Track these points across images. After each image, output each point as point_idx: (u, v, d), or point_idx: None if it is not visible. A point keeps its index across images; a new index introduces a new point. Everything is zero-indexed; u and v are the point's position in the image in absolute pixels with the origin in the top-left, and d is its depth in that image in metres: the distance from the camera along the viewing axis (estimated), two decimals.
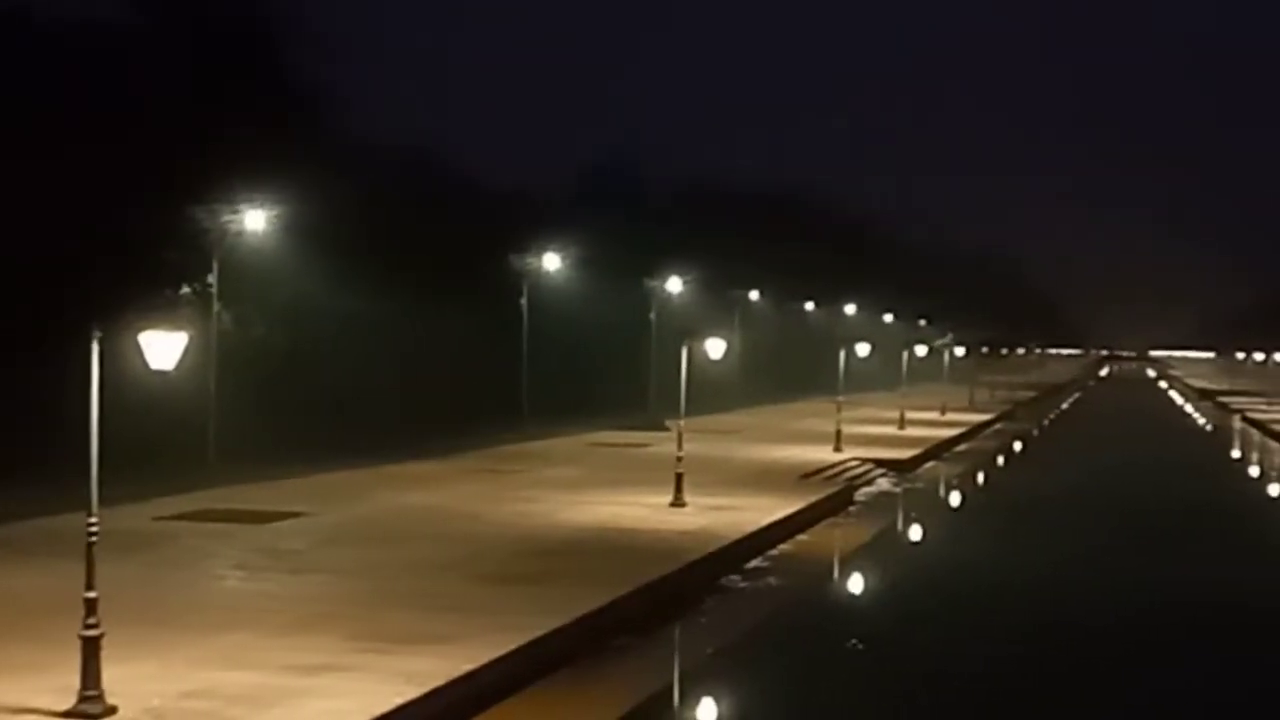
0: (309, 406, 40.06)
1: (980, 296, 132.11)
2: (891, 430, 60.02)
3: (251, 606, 20.08)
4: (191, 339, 15.33)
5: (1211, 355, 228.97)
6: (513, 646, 18.23)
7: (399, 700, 15.42)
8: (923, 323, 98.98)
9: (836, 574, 29.98)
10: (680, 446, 32.88)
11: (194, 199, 34.12)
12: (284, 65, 40.32)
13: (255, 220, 35.15)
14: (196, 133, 34.43)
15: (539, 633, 19.07)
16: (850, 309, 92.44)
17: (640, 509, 31.53)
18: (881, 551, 32.51)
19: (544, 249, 51.73)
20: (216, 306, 35.55)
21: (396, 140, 51.10)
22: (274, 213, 35.15)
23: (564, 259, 52.50)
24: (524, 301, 51.67)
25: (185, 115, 34.76)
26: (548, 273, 52.34)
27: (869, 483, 44.31)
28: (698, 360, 34.89)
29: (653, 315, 56.60)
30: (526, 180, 67.06)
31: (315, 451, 37.40)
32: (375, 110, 58.94)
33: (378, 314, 42.96)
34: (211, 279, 35.35)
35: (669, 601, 23.46)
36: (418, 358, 46.93)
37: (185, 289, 35.31)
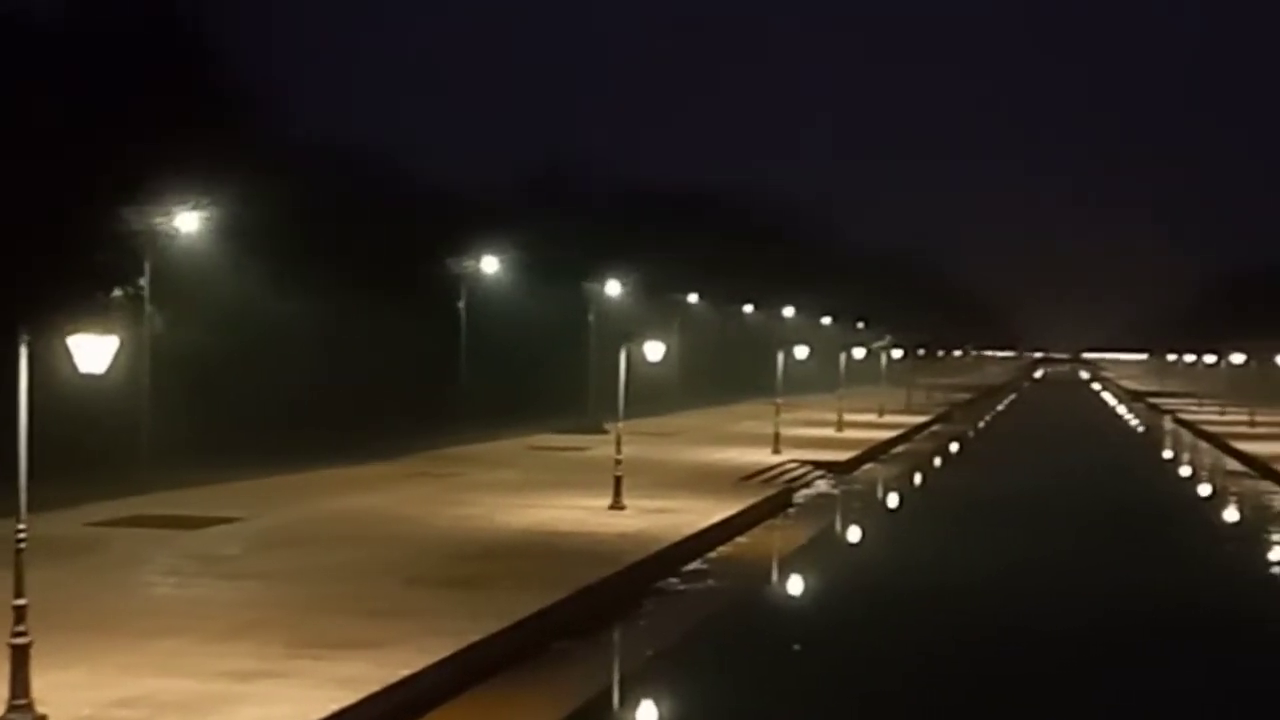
0: (244, 410, 39.63)
1: (917, 299, 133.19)
2: (830, 432, 60.34)
3: (185, 613, 19.82)
4: (123, 342, 15.13)
5: (1144, 357, 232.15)
6: (450, 651, 18.12)
7: (334, 706, 15.28)
8: (860, 325, 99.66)
9: (775, 576, 30.07)
10: (619, 449, 32.86)
11: (125, 200, 33.64)
12: (218, 64, 39.86)
13: (188, 221, 34.72)
14: (127, 133, 33.95)
15: (476, 637, 18.97)
16: (789, 312, 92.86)
17: (579, 512, 31.48)
18: (819, 554, 32.66)
19: (483, 251, 51.52)
20: (149, 309, 35.07)
21: (334, 140, 50.71)
22: (207, 214, 34.73)
23: (503, 261, 52.33)
24: (462, 304, 51.43)
25: (115, 115, 34.27)
26: (486, 275, 52.15)
27: (807, 485, 44.51)
28: (637, 363, 34.89)
29: (591, 318, 56.57)
30: (465, 182, 66.70)
31: (250, 455, 37.02)
32: (313, 110, 58.39)
33: (314, 316, 42.61)
34: (144, 281, 34.86)
35: (608, 605, 23.43)
36: (355, 360, 46.58)
37: (117, 291, 34.79)
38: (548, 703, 18.76)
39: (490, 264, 51.81)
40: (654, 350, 34.19)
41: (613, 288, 58.14)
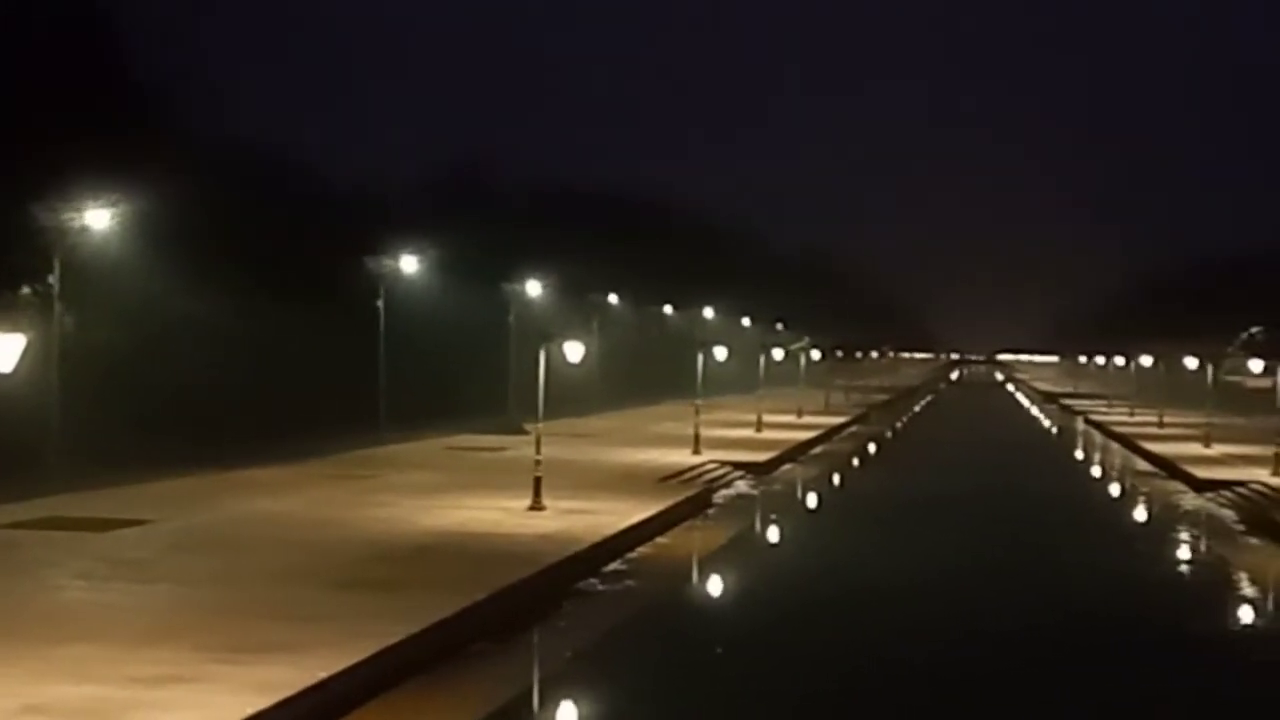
0: (156, 411, 39.00)
1: (836, 301, 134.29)
2: (749, 433, 60.62)
3: (95, 617, 19.44)
4: (30, 341, 14.81)
5: (1056, 359, 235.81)
6: (367, 654, 17.94)
7: (249, 711, 15.06)
8: (779, 326, 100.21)
9: (695, 577, 30.12)
10: (538, 450, 32.74)
11: (33, 198, 32.98)
12: (129, 62, 39.25)
13: (98, 219, 34.10)
14: (35, 130, 33.30)
15: (393, 640, 18.80)
16: (708, 313, 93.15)
17: (498, 513, 31.34)
18: (739, 554, 32.77)
19: (400, 251, 51.13)
20: (58, 308, 34.40)
21: (249, 139, 50.13)
22: (117, 212, 34.13)
23: (421, 261, 51.96)
24: (380, 304, 51.00)
25: (23, 111, 33.61)
26: (404, 275, 51.76)
27: (727, 485, 44.66)
28: (556, 364, 34.80)
29: (511, 318, 56.34)
30: (383, 181, 66.22)
31: (162, 457, 36.44)
32: (227, 108, 57.63)
33: (228, 316, 42.04)
34: (53, 279, 34.19)
35: (527, 606, 23.33)
36: (270, 361, 46.02)
37: (25, 290, 34.11)
38: (466, 704, 18.63)
39: (409, 264, 51.43)
40: (573, 351, 34.12)
41: (533, 288, 57.96)
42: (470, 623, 21.09)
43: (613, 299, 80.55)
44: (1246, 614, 27.46)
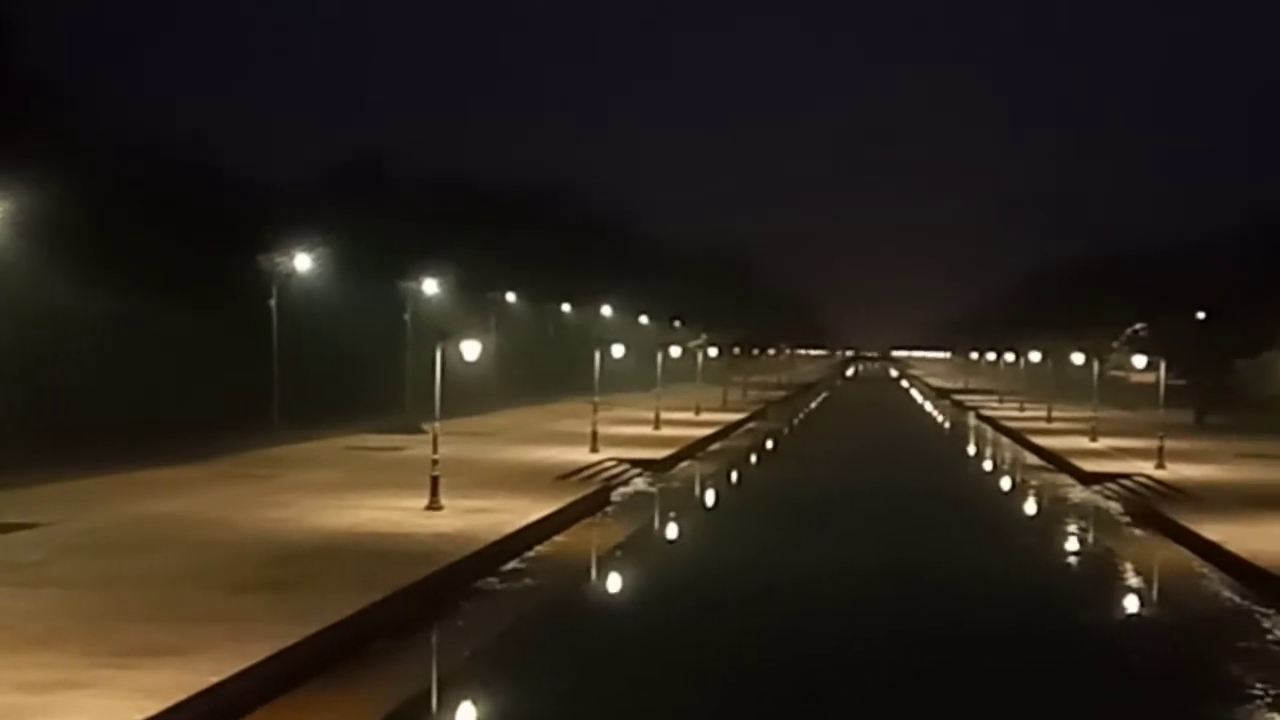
0: (46, 411, 38.19)
1: (733, 298, 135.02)
2: (647, 430, 60.83)
3: None
4: None
5: (948, 355, 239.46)
6: (262, 656, 17.77)
7: (139, 716, 14.87)
8: (677, 324, 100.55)
9: (593, 575, 30.20)
10: (435, 449, 32.60)
11: None
12: (13, 56, 38.34)
13: None
14: None
15: (290, 641, 18.64)
16: (606, 310, 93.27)
17: (396, 513, 31.15)
18: (636, 552, 32.90)
19: (295, 248, 50.52)
20: None
21: (138, 136, 49.18)
22: (1, 209, 33.29)
23: (316, 259, 51.37)
24: (274, 302, 50.35)
25: None
26: (299, 273, 51.15)
27: (625, 483, 44.80)
28: (454, 362, 34.64)
29: (407, 316, 55.91)
30: (275, 178, 65.40)
31: (53, 458, 35.70)
32: (117, 104, 56.48)
33: (120, 314, 41.26)
34: None
35: (425, 605, 23.26)
36: (164, 360, 45.27)
37: None
38: (365, 705, 18.56)
39: (303, 261, 50.83)
40: (470, 349, 33.99)
41: (430, 286, 57.58)
42: (368, 623, 20.98)
43: (510, 297, 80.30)
44: (1131, 604, 28.20)
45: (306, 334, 52.64)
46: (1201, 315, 68.92)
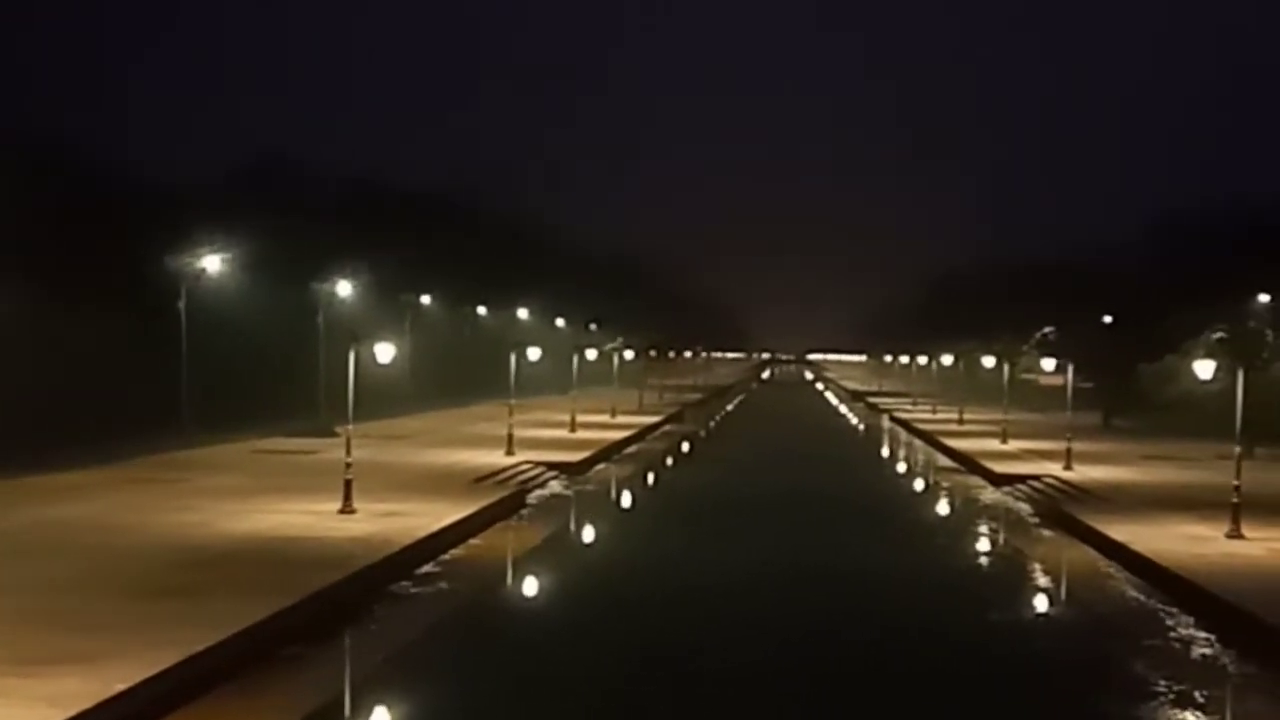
0: None
1: (649, 301, 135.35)
2: (563, 433, 60.74)
3: None
4: None
5: (863, 358, 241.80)
6: (170, 663, 17.50)
7: None
8: (593, 327, 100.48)
9: (509, 578, 30.10)
10: (349, 452, 32.31)
11: None
12: None
13: None
14: None
15: (199, 647, 18.37)
16: (522, 313, 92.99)
17: (308, 517, 30.82)
18: (552, 555, 32.84)
19: (204, 250, 49.79)
20: None
21: (44, 134, 48.28)
22: None
23: (226, 260, 50.67)
24: (182, 304, 49.61)
25: None
26: (209, 274, 50.44)
27: (541, 485, 44.70)
28: (368, 364, 34.34)
29: (320, 318, 55.32)
30: (185, 178, 64.40)
31: None
32: (17, 102, 55.38)
33: (21, 316, 40.38)
34: None
35: (338, 610, 23.04)
36: (66, 363, 44.39)
37: None
38: (276, 711, 18.36)
39: (213, 262, 50.13)
40: (384, 351, 33.73)
41: (343, 288, 57.01)
42: (280, 628, 20.74)
43: (425, 299, 79.79)
44: (1038, 603, 28.63)
45: (217, 336, 51.93)
46: (1108, 320, 70.17)
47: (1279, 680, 20.38)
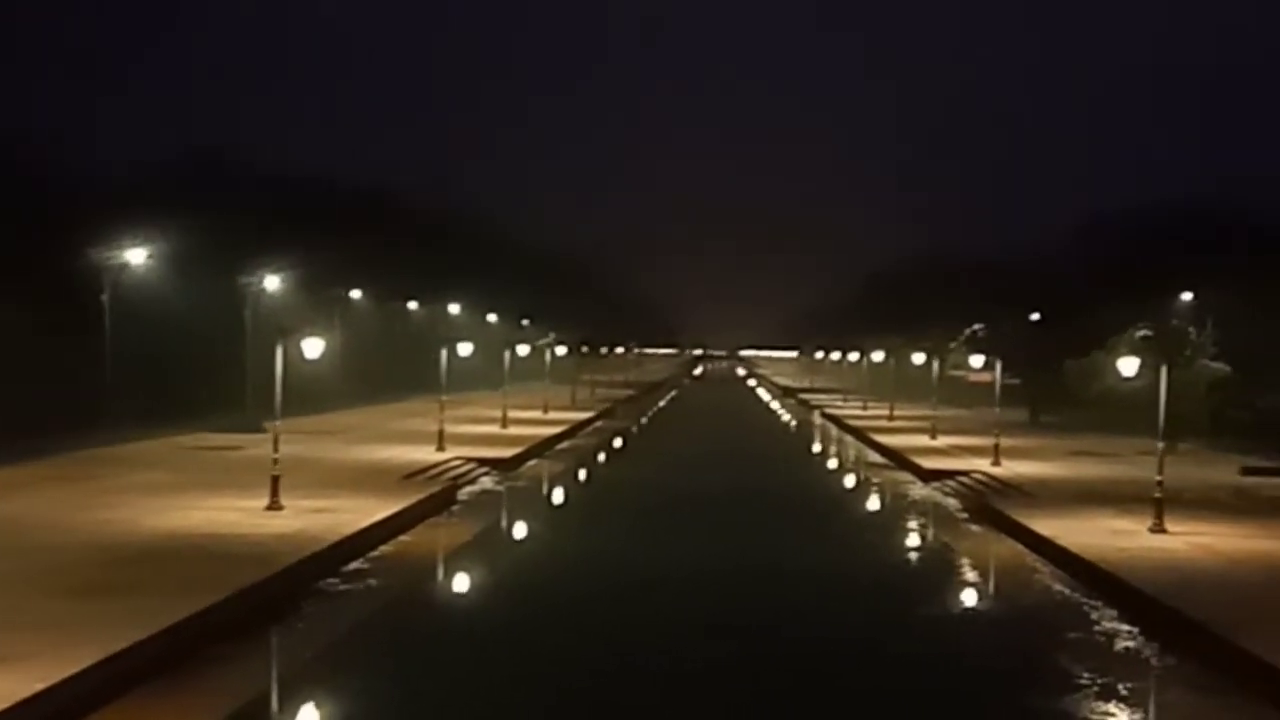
0: None
1: (581, 296, 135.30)
2: (495, 429, 60.52)
3: None
4: None
5: (794, 354, 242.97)
6: (93, 661, 17.24)
7: None
8: (525, 322, 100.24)
9: (439, 575, 29.93)
10: (276, 448, 31.98)
11: None
12: None
13: None
14: None
15: (123, 645, 18.11)
16: (454, 308, 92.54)
17: (234, 513, 30.48)
18: (482, 551, 32.69)
19: (129, 243, 49.05)
20: None
21: None
22: None
23: (151, 255, 49.94)
24: (106, 297, 48.87)
25: None
26: (133, 268, 49.70)
27: (472, 482, 44.50)
28: (296, 360, 34.00)
29: (247, 313, 54.73)
30: (110, 171, 63.47)
31: None
32: None
33: None
34: None
35: (265, 607, 22.80)
36: None
37: None
38: (201, 709, 18.16)
39: (137, 256, 49.41)
40: (312, 346, 33.41)
41: (271, 282, 56.42)
42: (205, 626, 20.49)
43: (355, 294, 79.17)
44: (966, 598, 28.91)
45: (142, 331, 51.20)
46: (1036, 317, 71.00)
47: (1199, 671, 20.70)
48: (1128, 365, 35.43)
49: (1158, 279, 54.99)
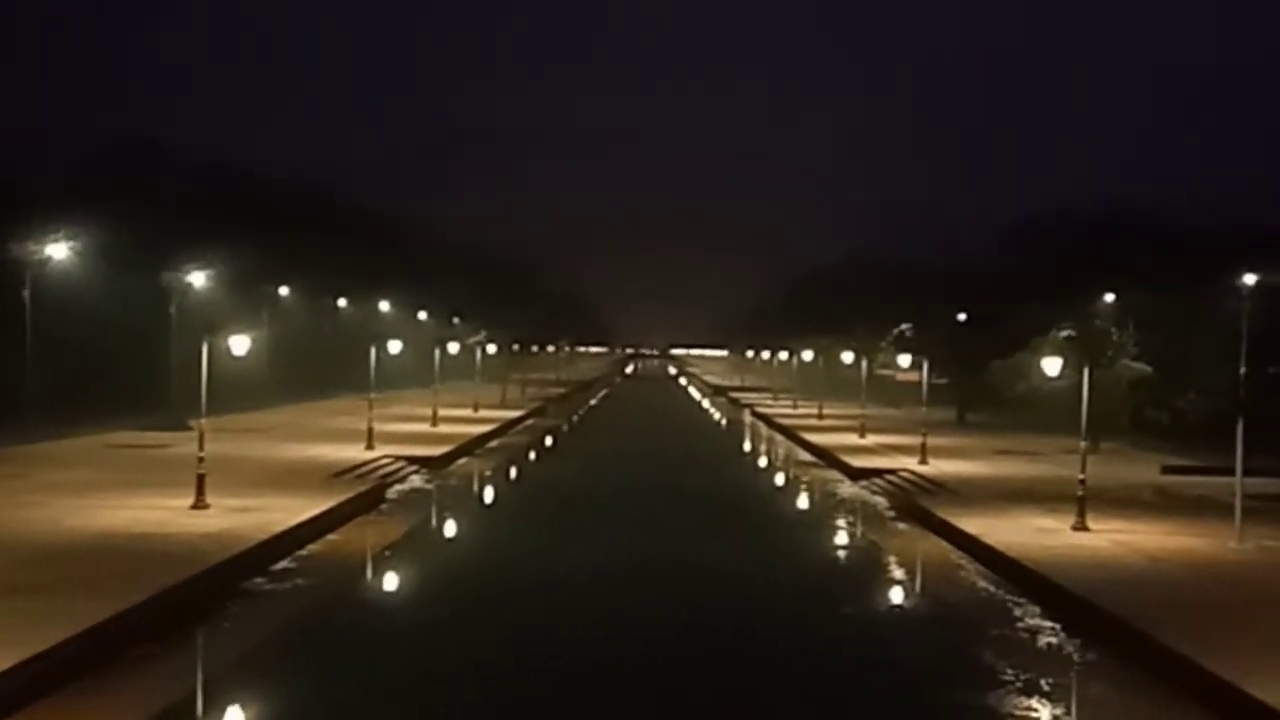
0: None
1: (512, 294, 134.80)
2: (425, 427, 60.24)
3: None
4: None
5: (725, 353, 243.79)
6: (12, 662, 16.98)
7: None
8: (456, 320, 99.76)
9: (368, 573, 29.74)
10: (202, 446, 31.64)
11: None
12: None
13: None
14: None
15: (43, 646, 17.86)
16: (384, 306, 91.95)
17: (159, 512, 30.12)
18: (412, 549, 32.53)
19: (51, 237, 48.24)
20: None
21: None
22: None
23: (73, 249, 49.16)
24: (27, 292, 48.05)
25: None
26: (55, 262, 48.89)
27: (401, 480, 44.27)
28: (224, 357, 33.65)
29: (173, 310, 54.03)
30: (30, 163, 62.33)
31: None
32: None
33: None
34: None
35: (190, 607, 22.56)
36: None
37: None
38: (126, 710, 17.96)
39: (59, 250, 48.61)
40: (239, 343, 33.09)
41: (197, 278, 55.71)
42: (129, 626, 20.25)
43: (284, 291, 78.42)
44: (892, 595, 29.19)
45: (66, 326, 50.42)
46: (963, 317, 71.75)
47: (1121, 667, 21.03)
48: (1051, 365, 35.93)
49: (1080, 280, 55.72)
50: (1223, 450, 31.85)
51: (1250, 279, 33.87)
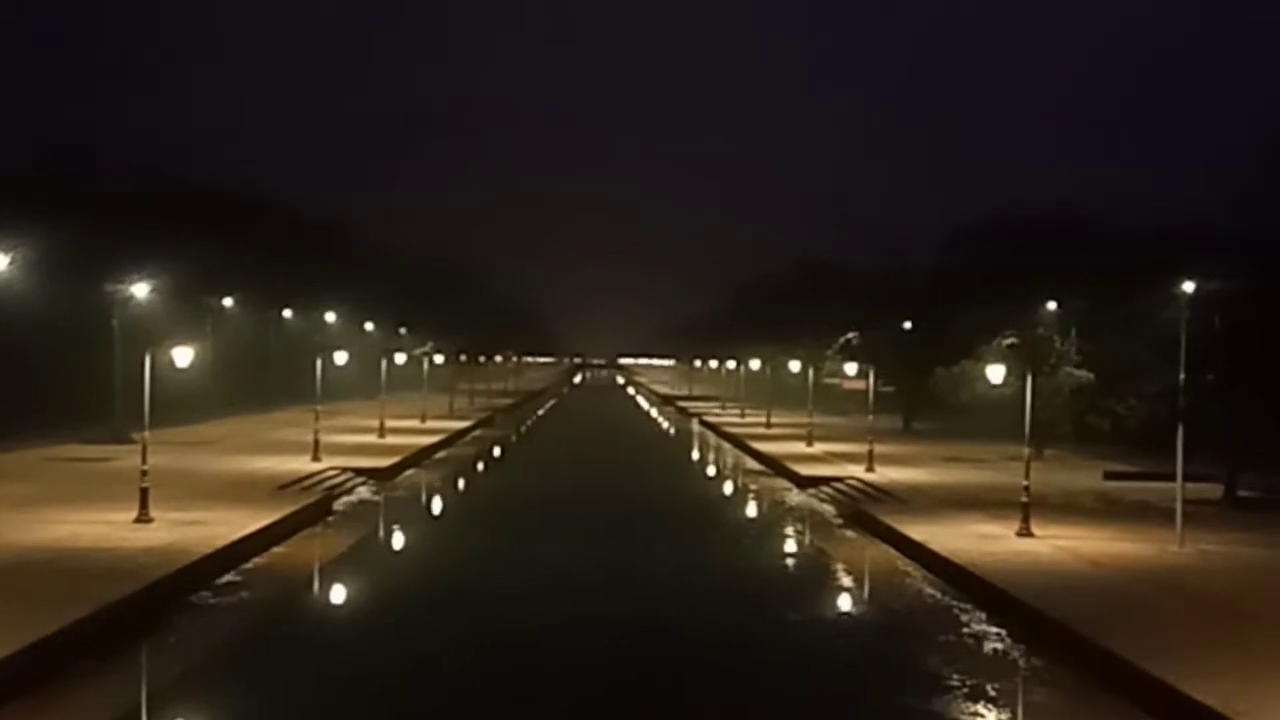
0: None
1: (459, 305, 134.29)
2: (372, 439, 59.92)
3: None
4: None
5: (673, 362, 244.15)
6: None
7: None
8: (403, 331, 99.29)
9: (315, 586, 29.55)
10: (144, 459, 31.33)
11: None
12: None
13: None
14: None
15: None
16: (330, 316, 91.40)
17: (101, 527, 29.79)
18: (359, 561, 32.37)
19: None
20: None
21: None
22: None
23: (11, 259, 48.45)
24: None
25: None
26: None
27: (348, 492, 44.02)
28: (166, 369, 33.34)
29: (115, 321, 53.45)
30: None
31: None
32: None
33: None
34: None
35: (134, 622, 22.33)
36: None
37: None
38: None
39: None
40: (182, 355, 32.81)
41: (139, 290, 55.15)
42: (70, 641, 20.00)
43: (228, 301, 77.79)
44: (839, 602, 29.35)
45: (4, 338, 49.77)
46: (908, 325, 72.20)
47: (1064, 672, 21.24)
48: (995, 373, 36.28)
49: (1023, 287, 56.17)
50: (1163, 456, 32.23)
51: (1189, 286, 34.29)
